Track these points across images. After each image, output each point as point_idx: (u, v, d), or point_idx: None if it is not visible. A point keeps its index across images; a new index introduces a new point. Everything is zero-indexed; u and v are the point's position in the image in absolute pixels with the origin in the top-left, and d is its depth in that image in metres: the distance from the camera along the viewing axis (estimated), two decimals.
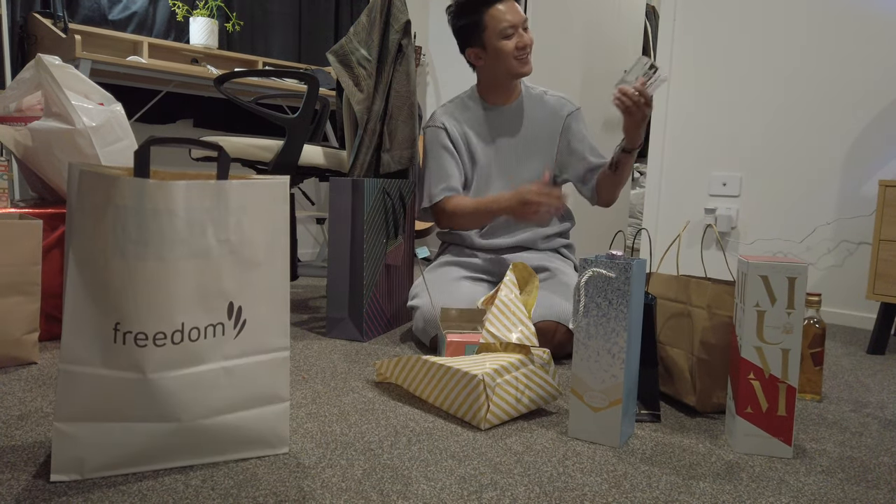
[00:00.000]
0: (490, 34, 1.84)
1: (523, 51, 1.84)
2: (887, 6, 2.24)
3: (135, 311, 0.92)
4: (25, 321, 1.47)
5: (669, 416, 1.32)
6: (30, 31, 2.51)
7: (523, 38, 1.84)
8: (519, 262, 1.48)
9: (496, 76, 1.90)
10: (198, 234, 0.96)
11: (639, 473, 1.04)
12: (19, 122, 1.77)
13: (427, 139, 1.96)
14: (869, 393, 1.54)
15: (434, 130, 1.95)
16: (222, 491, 0.93)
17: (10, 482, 0.93)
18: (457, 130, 1.94)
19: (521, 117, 1.95)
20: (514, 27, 1.82)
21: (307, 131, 1.99)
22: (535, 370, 1.28)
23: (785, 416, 1.12)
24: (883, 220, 1.88)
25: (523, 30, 1.85)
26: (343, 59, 1.94)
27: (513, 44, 1.83)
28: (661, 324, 1.39)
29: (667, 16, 2.74)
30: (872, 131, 2.29)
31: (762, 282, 1.10)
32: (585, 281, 1.14)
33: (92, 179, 0.91)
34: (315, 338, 1.83)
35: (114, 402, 0.93)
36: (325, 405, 1.30)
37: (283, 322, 1.04)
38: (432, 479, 0.99)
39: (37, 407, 1.22)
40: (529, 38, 1.85)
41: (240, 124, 3.25)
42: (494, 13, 1.82)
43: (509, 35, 1.83)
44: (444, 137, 1.93)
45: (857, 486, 1.03)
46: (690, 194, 2.71)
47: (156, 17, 2.88)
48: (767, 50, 2.49)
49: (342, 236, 1.80)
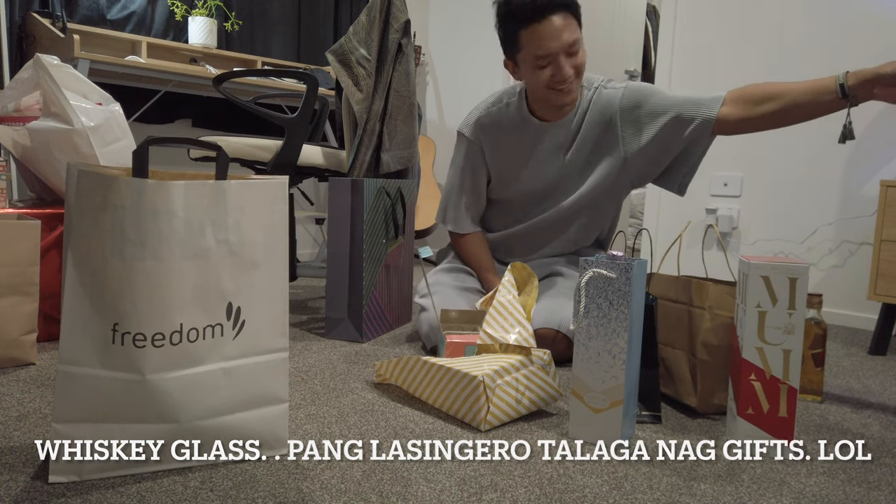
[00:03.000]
0: (525, 56, 1.56)
1: (562, 83, 1.55)
2: (887, 6, 2.23)
3: (133, 311, 0.92)
4: (23, 322, 1.46)
5: (670, 418, 1.31)
6: (28, 31, 2.51)
7: (563, 69, 1.53)
8: (518, 262, 1.48)
9: (535, 96, 1.65)
10: (196, 235, 0.95)
11: (639, 475, 1.04)
12: (17, 121, 1.77)
13: (460, 151, 1.78)
14: (870, 394, 1.54)
15: (468, 144, 1.75)
16: (221, 492, 0.92)
17: (8, 483, 0.92)
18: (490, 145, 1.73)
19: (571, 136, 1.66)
20: (551, 55, 1.52)
21: (306, 131, 1.99)
22: (536, 371, 1.27)
23: (786, 417, 1.11)
24: (884, 221, 1.87)
25: (570, 54, 1.54)
26: (342, 59, 1.94)
27: (547, 74, 1.55)
28: (662, 324, 1.38)
29: (667, 15, 2.74)
30: (873, 131, 2.28)
31: (763, 282, 1.10)
32: (586, 281, 1.14)
33: (90, 179, 0.90)
34: (314, 339, 1.83)
35: (112, 403, 0.93)
36: (325, 406, 1.29)
37: (283, 323, 1.04)
38: (432, 480, 0.99)
39: (35, 408, 1.21)
40: (572, 69, 1.54)
41: (239, 124, 3.24)
42: (531, 35, 1.52)
43: (544, 65, 1.54)
44: (476, 154, 1.74)
45: (859, 488, 1.03)
46: (691, 194, 2.71)
47: (154, 17, 2.87)
48: (768, 49, 2.48)
49: (341, 237, 1.79)
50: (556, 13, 1.50)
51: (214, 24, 2.94)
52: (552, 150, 1.70)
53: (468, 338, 1.50)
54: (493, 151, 1.74)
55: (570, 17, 1.52)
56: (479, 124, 1.74)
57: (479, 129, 1.74)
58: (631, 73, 3.63)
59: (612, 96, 1.65)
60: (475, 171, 1.78)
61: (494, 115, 1.73)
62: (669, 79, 2.73)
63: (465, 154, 1.78)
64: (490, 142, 1.74)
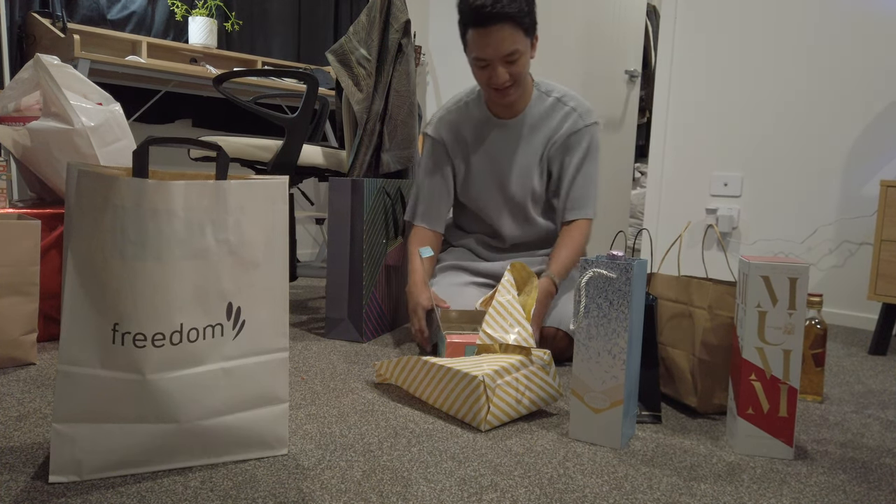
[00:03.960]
0: (469, 54, 1.64)
1: (496, 86, 1.63)
2: (887, 6, 2.23)
3: (133, 311, 0.92)
4: (24, 322, 1.46)
5: (670, 418, 1.31)
6: (28, 31, 2.51)
7: (498, 75, 1.59)
8: (517, 262, 1.48)
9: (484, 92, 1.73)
10: (196, 235, 0.95)
11: (640, 475, 1.04)
12: (18, 121, 1.77)
13: (426, 148, 1.85)
14: (870, 394, 1.54)
15: (433, 143, 1.82)
16: (221, 492, 0.92)
17: (8, 483, 0.92)
18: (455, 143, 1.80)
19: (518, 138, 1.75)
20: (488, 60, 1.59)
21: (306, 131, 1.99)
22: (536, 371, 1.27)
23: (786, 417, 1.11)
24: (884, 221, 1.87)
25: (508, 62, 1.59)
26: (342, 59, 1.94)
27: (484, 77, 1.63)
28: (662, 324, 1.38)
29: (667, 15, 2.74)
30: (873, 131, 2.28)
31: (763, 282, 1.10)
32: (586, 281, 1.14)
33: (90, 180, 0.90)
34: (314, 339, 1.83)
35: (112, 403, 0.93)
36: (325, 406, 1.29)
37: (283, 323, 1.04)
38: (432, 480, 0.99)
39: (35, 408, 1.21)
40: (504, 78, 1.60)
41: (239, 124, 3.24)
42: (474, 38, 1.58)
43: (482, 66, 1.62)
44: (441, 153, 1.80)
45: (859, 488, 1.03)
46: (691, 194, 2.71)
47: (154, 17, 2.87)
48: (769, 49, 2.48)
49: (342, 236, 1.79)
50: (501, 23, 1.54)
51: (214, 24, 2.94)
52: (506, 145, 1.77)
53: (468, 338, 1.50)
54: (457, 145, 1.81)
55: (515, 28, 1.56)
56: (441, 123, 1.81)
57: (442, 127, 1.81)
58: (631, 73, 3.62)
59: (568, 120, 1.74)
60: (441, 169, 1.82)
61: (455, 114, 1.81)
62: (669, 79, 2.73)
63: (430, 153, 1.83)
64: (453, 139, 1.81)
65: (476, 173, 1.81)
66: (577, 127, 1.74)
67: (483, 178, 1.81)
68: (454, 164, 1.82)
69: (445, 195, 1.83)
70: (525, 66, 1.64)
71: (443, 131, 1.81)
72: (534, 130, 1.76)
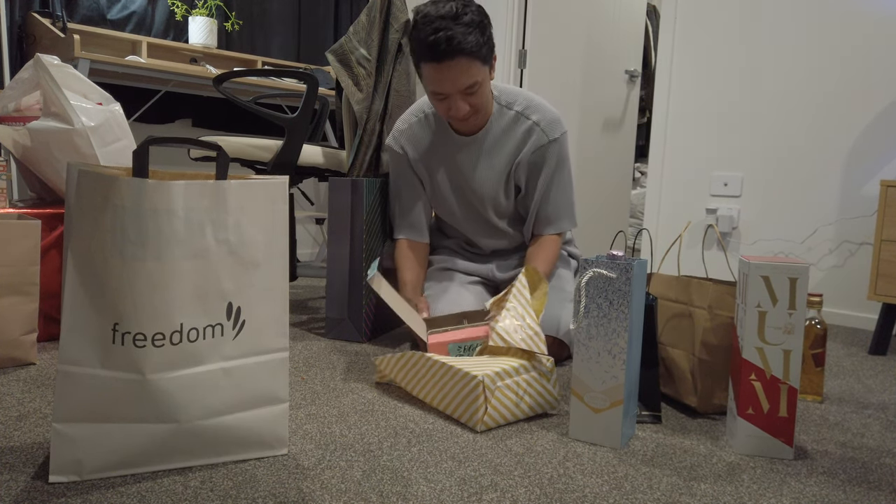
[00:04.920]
0: (425, 86, 1.59)
1: (456, 118, 1.59)
2: (887, 6, 2.23)
3: (133, 311, 0.92)
4: (24, 322, 1.46)
5: (670, 418, 1.31)
6: (28, 31, 2.51)
7: (457, 107, 1.55)
8: (531, 265, 1.47)
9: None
10: (196, 235, 0.95)
11: (640, 475, 1.04)
12: (18, 121, 1.77)
13: (391, 162, 1.81)
14: (870, 394, 1.54)
15: (396, 156, 1.78)
16: (221, 492, 0.92)
17: (8, 483, 0.92)
18: (417, 156, 1.75)
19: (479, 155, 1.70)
20: (445, 94, 1.55)
21: (306, 131, 1.99)
22: (537, 377, 1.27)
23: (786, 417, 1.11)
24: (884, 221, 1.87)
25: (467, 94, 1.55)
26: (342, 59, 1.94)
27: (444, 108, 1.59)
28: (662, 324, 1.38)
29: (667, 15, 2.74)
30: (874, 131, 2.28)
31: (763, 282, 1.10)
32: (586, 281, 1.14)
33: (90, 179, 0.90)
34: (314, 338, 1.83)
35: (112, 403, 0.93)
36: (325, 406, 1.29)
37: (283, 322, 1.04)
38: (432, 480, 0.99)
39: (35, 408, 1.21)
40: (464, 110, 1.56)
41: (239, 124, 3.24)
42: (429, 73, 1.54)
43: (440, 99, 1.57)
44: (405, 166, 1.77)
45: (859, 488, 1.03)
46: (691, 194, 2.71)
47: (155, 17, 2.87)
48: (769, 49, 2.48)
49: (341, 236, 1.79)
50: (456, 58, 1.49)
51: (214, 24, 2.94)
52: (468, 162, 1.72)
53: (449, 336, 1.49)
54: (420, 159, 1.76)
55: (472, 61, 1.51)
56: (403, 136, 1.77)
57: (403, 140, 1.77)
58: (631, 73, 3.62)
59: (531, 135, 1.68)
60: (410, 181, 1.79)
61: (417, 127, 1.76)
62: (669, 79, 2.73)
63: (395, 166, 1.80)
64: (414, 151, 1.76)
65: (441, 188, 1.78)
66: (540, 143, 1.68)
67: (448, 193, 1.78)
68: (419, 175, 1.79)
69: (422, 203, 1.81)
70: (485, 95, 1.60)
71: (405, 144, 1.76)
72: (496, 146, 1.70)
